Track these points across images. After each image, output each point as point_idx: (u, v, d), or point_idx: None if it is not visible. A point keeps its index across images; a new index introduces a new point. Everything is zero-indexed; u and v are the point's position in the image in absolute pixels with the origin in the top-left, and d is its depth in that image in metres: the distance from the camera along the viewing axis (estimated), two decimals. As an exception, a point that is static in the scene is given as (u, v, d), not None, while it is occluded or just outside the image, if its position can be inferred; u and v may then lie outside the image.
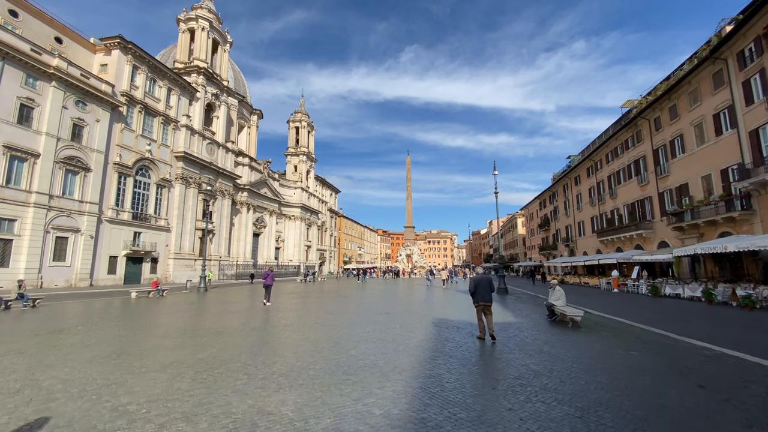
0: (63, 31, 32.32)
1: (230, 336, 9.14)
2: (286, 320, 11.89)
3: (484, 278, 8.90)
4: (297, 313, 13.95)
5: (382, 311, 14.30)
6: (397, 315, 13.15)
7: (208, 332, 9.62)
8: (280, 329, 10.20)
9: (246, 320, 11.88)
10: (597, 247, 40.37)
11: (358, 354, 7.24)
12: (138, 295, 20.15)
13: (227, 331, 9.78)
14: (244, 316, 13.08)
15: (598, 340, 8.67)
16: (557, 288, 11.20)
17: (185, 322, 11.62)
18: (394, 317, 12.51)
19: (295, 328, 10.28)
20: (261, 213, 59.99)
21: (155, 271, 37.14)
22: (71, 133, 29.20)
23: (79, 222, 29.66)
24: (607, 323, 11.24)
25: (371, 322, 11.42)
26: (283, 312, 14.13)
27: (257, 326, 10.74)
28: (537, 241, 66.81)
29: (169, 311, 14.62)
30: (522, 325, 10.74)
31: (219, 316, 13.20)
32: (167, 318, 12.71)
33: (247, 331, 9.85)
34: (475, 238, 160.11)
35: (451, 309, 15.36)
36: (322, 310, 14.75)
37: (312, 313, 13.79)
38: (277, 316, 12.80)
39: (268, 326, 10.71)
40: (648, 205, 30.80)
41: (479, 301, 8.75)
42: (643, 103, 31.63)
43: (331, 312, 14.22)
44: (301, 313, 13.76)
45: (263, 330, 10.11)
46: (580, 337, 8.99)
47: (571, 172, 47.73)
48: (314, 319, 12.24)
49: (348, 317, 12.67)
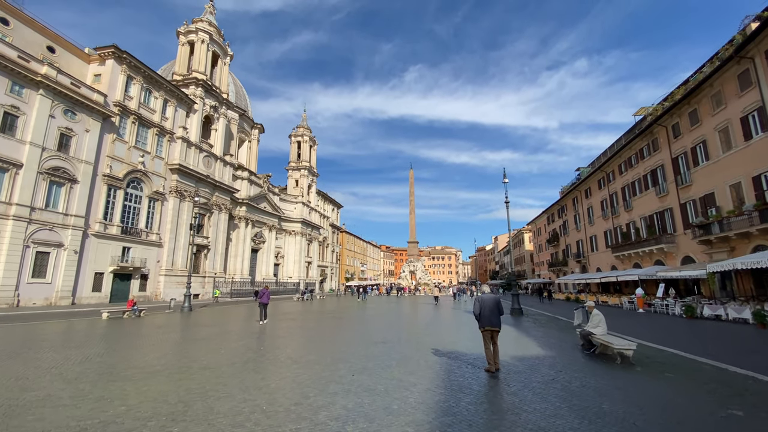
0: (56, 40, 31.59)
1: (159, 381, 6.71)
2: (253, 353, 9.59)
3: (490, 298, 7.76)
4: (273, 342, 11.72)
5: (378, 339, 12.11)
6: (395, 345, 10.95)
7: (138, 374, 7.29)
8: (237, 369, 7.77)
9: (204, 353, 9.63)
10: (612, 263, 38.02)
11: (328, 420, 4.87)
12: (110, 315, 18.14)
13: (163, 373, 7.41)
14: (206, 345, 10.91)
15: (669, 388, 6.43)
16: (595, 312, 9.07)
17: (127, 354, 9.40)
18: (391, 348, 10.34)
19: (258, 368, 7.89)
20: (260, 228, 58.31)
21: (145, 288, 35.23)
22: (58, 143, 27.91)
23: (63, 236, 28.00)
24: (663, 357, 8.96)
25: (362, 356, 9.20)
26: (257, 340, 11.94)
27: (209, 364, 8.24)
28: (546, 257, 64.33)
29: (127, 337, 12.54)
30: (555, 361, 8.57)
31: (178, 344, 11.17)
32: (115, 347, 10.64)
33: (189, 373, 7.43)
34: (481, 254, 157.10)
35: (460, 336, 13.23)
36: (306, 338, 12.53)
37: (292, 342, 11.57)
38: (246, 347, 10.59)
39: (224, 364, 8.26)
40: (668, 217, 28.70)
41: (485, 326, 7.59)
42: (659, 109, 29.96)
43: (316, 340, 12.06)
44: (277, 342, 11.51)
45: (213, 370, 7.61)
46: (644, 382, 6.79)
47: (581, 184, 45.81)
48: (290, 351, 9.97)
49: (334, 348, 10.46)
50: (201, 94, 43.52)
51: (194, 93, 42.84)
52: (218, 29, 47.91)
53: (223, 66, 48.95)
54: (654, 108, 31.34)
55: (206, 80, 43.87)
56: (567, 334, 13.42)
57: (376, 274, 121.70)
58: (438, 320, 19.08)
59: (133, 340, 11.94)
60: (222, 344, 11.04)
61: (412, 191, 67.85)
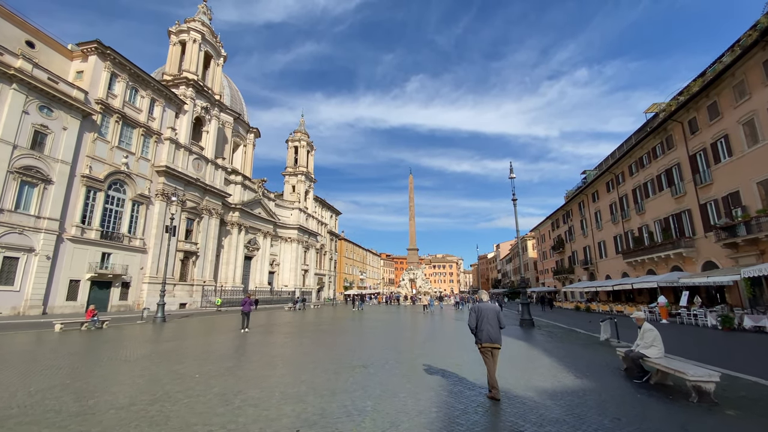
0: (36, 35, 30.04)
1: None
2: (178, 384, 7.09)
3: (489, 308, 6.61)
4: (221, 364, 9.19)
5: (358, 361, 9.58)
6: (378, 371, 8.44)
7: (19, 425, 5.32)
8: (137, 411, 5.42)
9: (122, 380, 7.48)
10: (622, 269, 35.80)
11: None
12: (65, 327, 15.98)
13: (41, 422, 5.41)
14: (133, 369, 8.78)
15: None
16: (647, 327, 6.66)
17: (40, 385, 7.31)
18: (372, 376, 7.92)
19: (164, 412, 5.39)
20: (254, 234, 56.26)
21: (126, 297, 33.10)
22: (32, 141, 26.13)
23: (34, 240, 26.03)
24: (748, 390, 6.57)
25: (325, 392, 6.66)
26: (199, 363, 9.57)
27: (113, 400, 6.11)
28: (550, 264, 62.00)
29: (65, 357, 10.34)
30: (601, 398, 6.12)
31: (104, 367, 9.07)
32: (33, 372, 8.59)
33: (80, 417, 5.34)
34: (482, 263, 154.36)
35: (463, 353, 11.06)
36: (267, 360, 9.80)
37: (246, 366, 9.04)
38: (176, 374, 8.18)
39: (135, 400, 6.02)
40: (686, 220, 26.61)
41: (484, 341, 6.40)
42: (673, 105, 28.11)
43: (277, 363, 9.41)
44: (226, 366, 8.99)
45: (95, 416, 5.23)
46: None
47: (588, 188, 43.80)
48: (232, 382, 7.37)
49: (293, 377, 7.83)
50: (192, 95, 41.94)
51: (184, 93, 41.26)
52: (211, 29, 46.60)
53: (216, 67, 47.52)
54: (668, 104, 29.51)
55: (197, 80, 42.33)
56: (594, 351, 11.22)
57: (375, 282, 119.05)
58: (438, 334, 16.90)
59: (60, 360, 9.73)
60: (152, 367, 8.78)
61: (412, 196, 65.98)
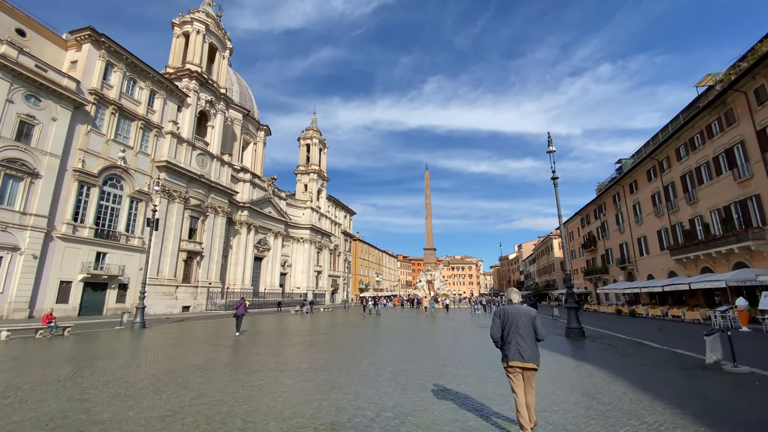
0: (27, 22, 28.59)
1: None
2: (84, 424, 4.80)
3: (520, 312, 4.36)
4: (163, 396, 6.88)
5: (348, 414, 6.15)
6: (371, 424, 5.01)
7: None
8: None
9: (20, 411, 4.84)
10: (669, 267, 31.39)
11: None
12: (12, 335, 13.59)
13: None
14: (56, 390, 6.08)
15: None
16: None
17: None
18: None
19: None
20: (264, 234, 54.15)
21: (124, 299, 31.15)
22: (17, 132, 24.41)
23: (19, 238, 24.24)
24: None
25: None
26: (139, 391, 7.04)
27: None
28: (580, 264, 57.32)
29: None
30: None
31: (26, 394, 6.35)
32: None
33: None
34: (503, 264, 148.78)
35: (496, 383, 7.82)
36: (185, 399, 7.24)
37: (189, 405, 6.59)
38: (101, 401, 5.90)
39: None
40: (754, 207, 22.34)
41: (513, 359, 4.21)
42: (733, 74, 23.91)
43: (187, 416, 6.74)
44: (166, 397, 6.58)
45: None
46: None
47: (624, 178, 39.39)
48: None
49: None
50: (195, 88, 40.09)
51: (187, 86, 39.44)
52: (217, 21, 44.85)
53: (222, 60, 45.69)
54: (725, 74, 25.27)
55: (201, 72, 40.47)
56: (706, 382, 7.43)
57: (392, 284, 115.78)
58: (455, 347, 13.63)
59: None
60: (42, 403, 6.09)
61: (428, 194, 62.56)
